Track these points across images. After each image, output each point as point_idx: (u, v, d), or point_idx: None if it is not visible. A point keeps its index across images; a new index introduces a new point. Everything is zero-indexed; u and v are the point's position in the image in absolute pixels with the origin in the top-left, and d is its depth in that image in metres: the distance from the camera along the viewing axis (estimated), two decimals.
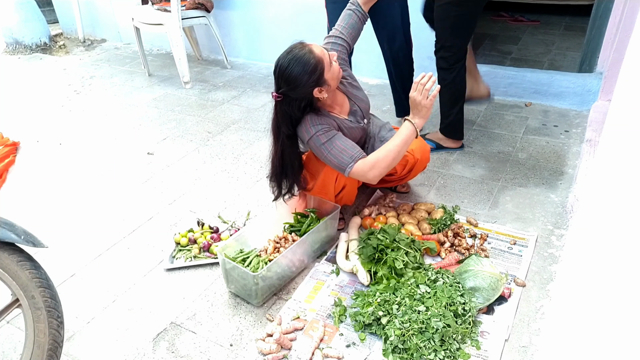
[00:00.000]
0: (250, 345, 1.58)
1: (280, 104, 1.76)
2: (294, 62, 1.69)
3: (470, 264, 1.70)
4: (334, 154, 1.76)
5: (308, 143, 1.79)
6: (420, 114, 1.75)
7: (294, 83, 1.69)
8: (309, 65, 1.68)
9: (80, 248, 2.08)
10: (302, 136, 1.81)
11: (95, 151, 2.90)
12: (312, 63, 1.68)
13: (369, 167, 1.75)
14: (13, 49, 4.81)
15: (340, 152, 1.76)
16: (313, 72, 1.68)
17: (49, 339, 1.29)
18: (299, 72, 1.68)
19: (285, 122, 1.78)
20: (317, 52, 1.72)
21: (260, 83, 3.81)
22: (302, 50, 1.71)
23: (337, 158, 1.76)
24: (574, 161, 2.52)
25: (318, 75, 1.70)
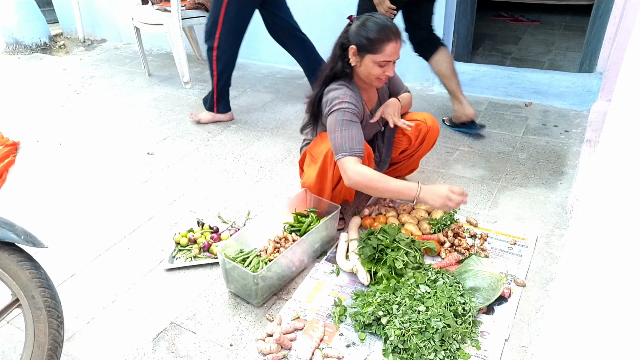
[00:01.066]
0: (250, 345, 1.58)
1: (345, 29, 1.82)
2: (382, 19, 1.75)
3: (470, 264, 1.70)
4: (343, 135, 1.74)
5: (331, 106, 1.77)
6: (434, 202, 1.67)
7: (365, 22, 1.74)
8: (380, 30, 1.71)
9: (80, 248, 2.08)
10: (332, 96, 1.78)
11: (95, 151, 2.90)
12: (381, 34, 1.71)
13: (354, 171, 1.70)
14: (13, 49, 4.81)
15: (349, 139, 1.73)
16: (375, 32, 1.71)
17: (49, 339, 1.29)
18: (373, 24, 1.72)
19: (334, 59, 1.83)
20: (391, 45, 1.73)
21: (260, 83, 3.81)
22: (390, 21, 1.77)
23: (342, 141, 1.73)
24: (574, 161, 2.52)
25: (371, 41, 1.72)
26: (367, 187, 1.72)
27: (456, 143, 2.77)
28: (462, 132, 2.85)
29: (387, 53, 1.73)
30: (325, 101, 1.82)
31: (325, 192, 1.96)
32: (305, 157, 2.03)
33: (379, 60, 1.74)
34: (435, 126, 2.12)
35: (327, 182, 1.92)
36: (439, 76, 2.75)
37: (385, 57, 1.74)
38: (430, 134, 2.11)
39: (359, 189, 1.75)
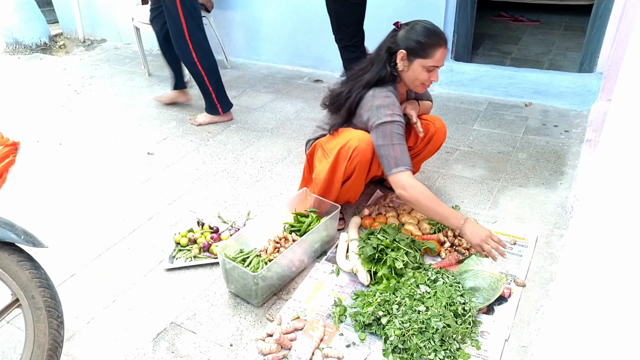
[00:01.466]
0: (250, 345, 1.58)
1: (391, 34, 1.85)
2: (431, 24, 1.80)
3: (470, 264, 1.70)
4: (402, 149, 1.77)
5: (383, 115, 1.76)
6: (472, 238, 1.70)
7: (414, 27, 1.78)
8: (432, 35, 1.76)
9: (80, 248, 2.08)
10: (382, 103, 1.78)
11: (95, 151, 2.90)
12: (432, 39, 1.75)
13: (413, 187, 1.74)
14: (13, 49, 4.81)
15: (405, 154, 1.78)
16: (426, 37, 1.75)
17: (49, 339, 1.29)
18: (425, 29, 1.77)
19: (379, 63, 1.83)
20: (440, 50, 1.77)
21: (260, 83, 3.81)
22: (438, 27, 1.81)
23: (402, 155, 1.77)
24: (574, 161, 2.52)
25: (423, 46, 1.75)
26: (419, 204, 1.75)
27: (456, 143, 2.77)
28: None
29: (436, 58, 1.77)
30: (372, 106, 1.80)
31: (334, 188, 1.95)
32: (316, 150, 2.01)
33: (428, 65, 1.77)
34: (443, 129, 2.13)
35: (337, 177, 1.91)
36: None
37: (434, 63, 1.77)
38: (437, 135, 2.11)
39: (410, 203, 1.78)
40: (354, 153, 1.83)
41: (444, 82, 3.46)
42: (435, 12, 3.25)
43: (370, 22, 3.51)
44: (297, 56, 4.02)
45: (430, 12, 3.26)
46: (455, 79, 3.42)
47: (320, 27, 3.75)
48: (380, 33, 3.62)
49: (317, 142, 2.01)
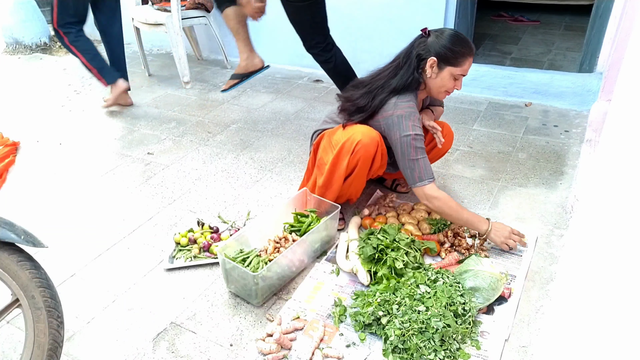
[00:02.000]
0: (250, 345, 1.58)
1: (418, 40, 1.83)
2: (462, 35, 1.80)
3: (470, 264, 1.70)
4: (426, 162, 1.83)
5: (407, 128, 1.78)
6: (497, 238, 1.86)
7: (444, 34, 1.78)
8: (463, 43, 1.77)
9: (80, 248, 2.08)
10: (405, 114, 1.79)
11: (95, 151, 2.90)
12: (464, 48, 1.77)
13: (438, 198, 1.82)
14: (13, 49, 4.81)
15: (428, 166, 1.84)
16: (458, 45, 1.76)
17: (49, 339, 1.29)
18: (456, 38, 1.77)
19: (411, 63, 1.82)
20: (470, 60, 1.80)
21: (260, 83, 3.81)
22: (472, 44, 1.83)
23: (426, 168, 1.83)
24: (574, 161, 2.52)
25: (455, 54, 1.76)
26: (444, 213, 1.86)
27: (456, 143, 2.77)
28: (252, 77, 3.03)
29: (465, 67, 1.80)
30: (394, 115, 1.81)
31: (335, 183, 1.94)
32: (322, 140, 2.00)
33: (457, 73, 1.80)
34: (450, 136, 2.16)
35: (339, 171, 1.91)
36: (231, 30, 2.86)
37: (463, 72, 1.80)
38: (444, 142, 2.11)
39: (435, 211, 1.90)
40: (357, 146, 1.83)
41: None
42: (435, 12, 3.26)
43: (371, 22, 3.51)
44: (297, 56, 4.02)
45: (430, 12, 3.26)
46: None
47: None
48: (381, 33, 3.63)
49: (325, 132, 2.01)
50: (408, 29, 3.35)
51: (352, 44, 3.65)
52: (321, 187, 1.98)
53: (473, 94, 3.37)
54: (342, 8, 3.57)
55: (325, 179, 1.95)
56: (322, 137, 2.02)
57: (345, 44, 3.74)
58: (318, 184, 2.00)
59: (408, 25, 3.33)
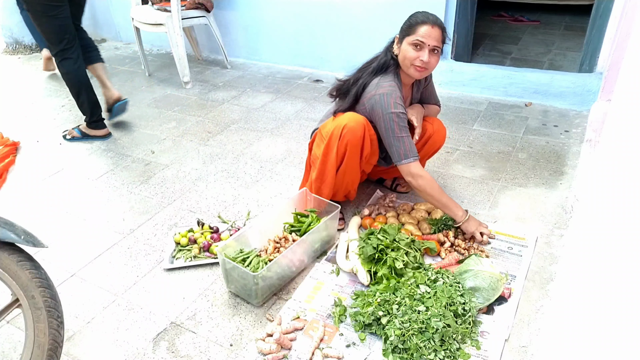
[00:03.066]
0: (250, 345, 1.58)
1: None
2: (423, 11, 1.87)
3: (470, 264, 1.70)
4: (410, 140, 1.87)
5: (388, 107, 1.82)
6: (469, 227, 1.93)
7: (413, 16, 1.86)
8: (416, 14, 1.84)
9: (80, 248, 2.08)
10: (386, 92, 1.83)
11: (95, 151, 2.90)
12: (415, 17, 1.84)
13: (422, 177, 1.87)
14: (13, 49, 4.81)
15: (410, 144, 1.87)
16: (411, 17, 1.85)
17: (49, 339, 1.29)
18: (413, 13, 1.86)
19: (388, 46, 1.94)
20: (425, 27, 1.80)
21: (260, 83, 3.81)
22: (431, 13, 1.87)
23: (410, 146, 1.87)
24: (574, 161, 2.52)
25: (408, 25, 1.83)
26: (426, 192, 1.90)
27: (456, 143, 2.77)
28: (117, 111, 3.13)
29: (420, 33, 1.80)
30: (376, 94, 1.85)
31: (329, 174, 1.96)
32: (315, 139, 2.04)
33: (412, 40, 1.81)
34: (442, 131, 2.16)
35: (331, 160, 1.93)
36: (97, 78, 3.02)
37: (417, 36, 1.80)
38: (435, 136, 2.13)
39: (417, 191, 1.92)
40: (344, 130, 1.86)
41: (444, 82, 3.46)
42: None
43: (371, 22, 3.51)
44: (297, 56, 4.02)
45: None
46: (455, 79, 3.42)
47: (320, 28, 3.75)
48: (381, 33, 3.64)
49: (317, 130, 2.04)
50: None
51: (352, 44, 3.65)
52: (316, 181, 2.00)
53: (473, 94, 3.37)
54: (343, 8, 3.57)
55: (318, 171, 1.97)
56: (315, 135, 2.04)
57: (345, 44, 3.76)
58: (312, 177, 2.02)
59: None
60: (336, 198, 2.08)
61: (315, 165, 1.99)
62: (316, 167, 1.98)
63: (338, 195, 2.08)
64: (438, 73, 3.47)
